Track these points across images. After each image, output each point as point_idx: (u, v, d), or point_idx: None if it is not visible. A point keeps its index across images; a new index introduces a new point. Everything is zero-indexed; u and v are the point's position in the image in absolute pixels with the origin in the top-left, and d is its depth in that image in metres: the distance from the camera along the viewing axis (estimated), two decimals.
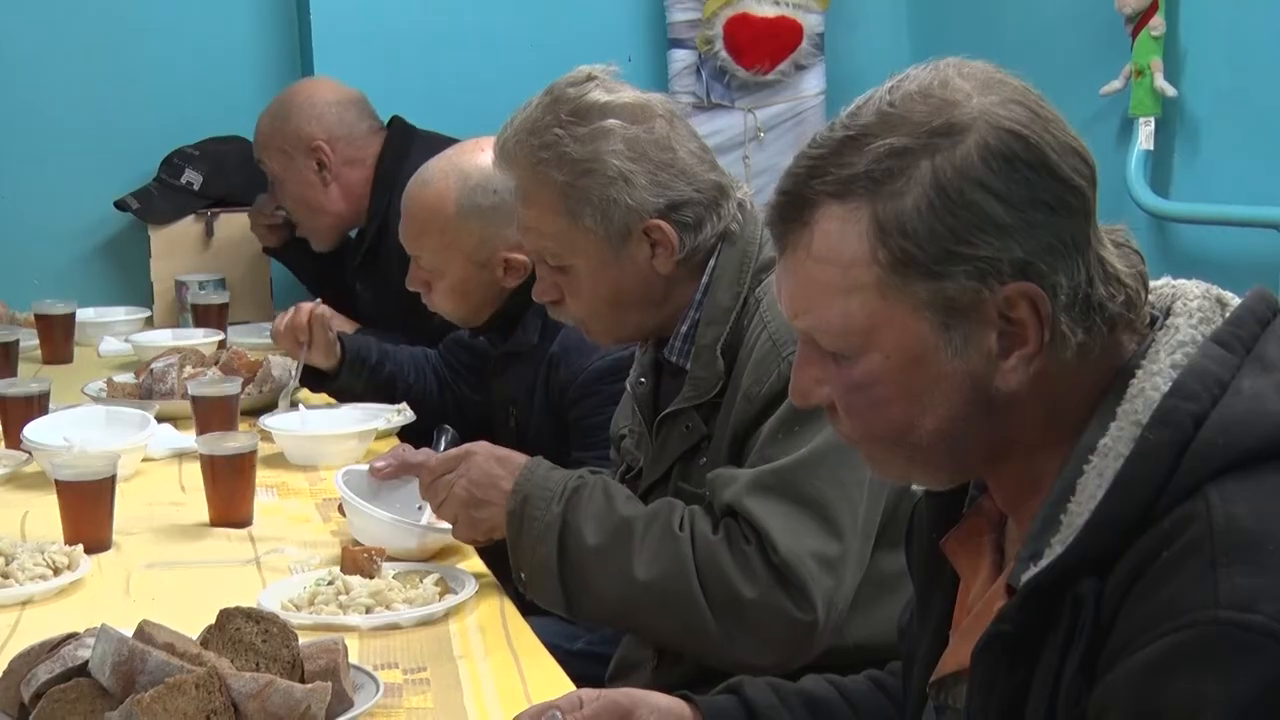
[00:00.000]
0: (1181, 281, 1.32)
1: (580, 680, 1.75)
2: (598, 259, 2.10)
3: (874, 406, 1.26)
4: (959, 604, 1.36)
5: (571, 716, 1.49)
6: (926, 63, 1.28)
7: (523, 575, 2.05)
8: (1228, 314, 1.26)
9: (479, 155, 2.79)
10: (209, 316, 3.75)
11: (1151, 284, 1.32)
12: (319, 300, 3.12)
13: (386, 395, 3.05)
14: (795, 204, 1.25)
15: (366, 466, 2.29)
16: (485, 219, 2.75)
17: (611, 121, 2.08)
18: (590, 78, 2.13)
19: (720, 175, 2.14)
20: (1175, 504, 1.15)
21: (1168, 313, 1.27)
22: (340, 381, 3.09)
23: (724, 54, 4.05)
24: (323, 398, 3.14)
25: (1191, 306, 1.26)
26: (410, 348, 3.18)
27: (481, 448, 2.11)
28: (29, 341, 3.59)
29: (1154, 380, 1.20)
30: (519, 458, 2.10)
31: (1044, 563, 1.18)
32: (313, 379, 3.10)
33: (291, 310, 3.07)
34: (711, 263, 2.11)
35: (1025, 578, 1.19)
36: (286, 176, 3.67)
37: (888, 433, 1.28)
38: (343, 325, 3.35)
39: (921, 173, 1.20)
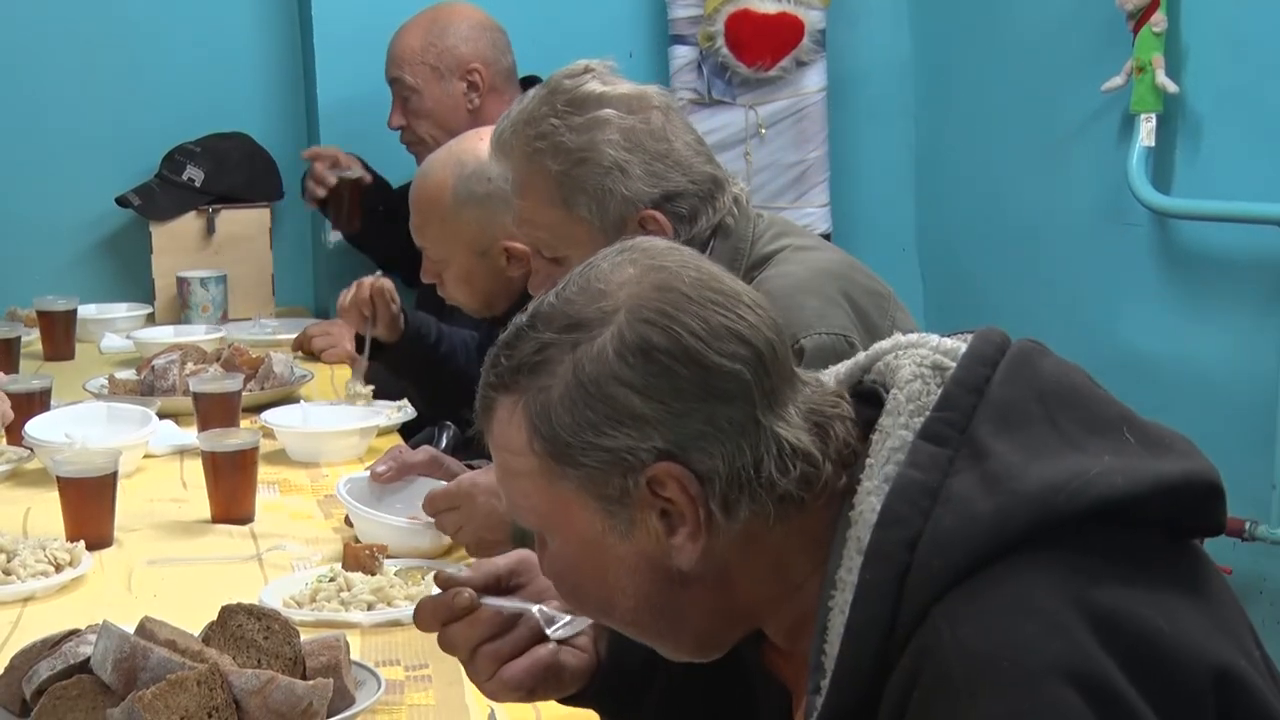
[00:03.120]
0: (900, 351, 1.27)
1: None
2: (593, 249, 2.09)
3: (573, 590, 1.29)
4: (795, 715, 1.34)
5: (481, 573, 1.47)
6: (620, 246, 1.29)
7: None
8: (945, 383, 1.22)
9: (477, 143, 2.79)
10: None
11: (876, 346, 1.30)
12: (379, 272, 3.08)
13: (440, 372, 3.04)
14: (481, 393, 1.28)
15: (365, 473, 2.29)
16: (482, 206, 2.76)
17: (607, 111, 2.09)
18: (587, 70, 2.14)
19: (715, 168, 2.14)
20: (909, 635, 1.13)
21: (883, 401, 1.24)
22: (400, 353, 3.05)
23: (725, 50, 4.05)
24: (324, 395, 3.14)
25: (901, 398, 1.22)
26: (463, 331, 3.16)
27: (478, 488, 2.11)
28: (30, 338, 3.60)
29: (869, 501, 1.18)
30: None
31: (813, 717, 1.17)
32: (373, 349, 3.07)
33: (354, 286, 3.04)
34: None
35: None
36: (429, 93, 3.65)
37: (597, 614, 1.31)
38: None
39: (565, 368, 1.21)
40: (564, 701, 1.46)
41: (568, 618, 1.41)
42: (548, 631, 1.40)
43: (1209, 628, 1.15)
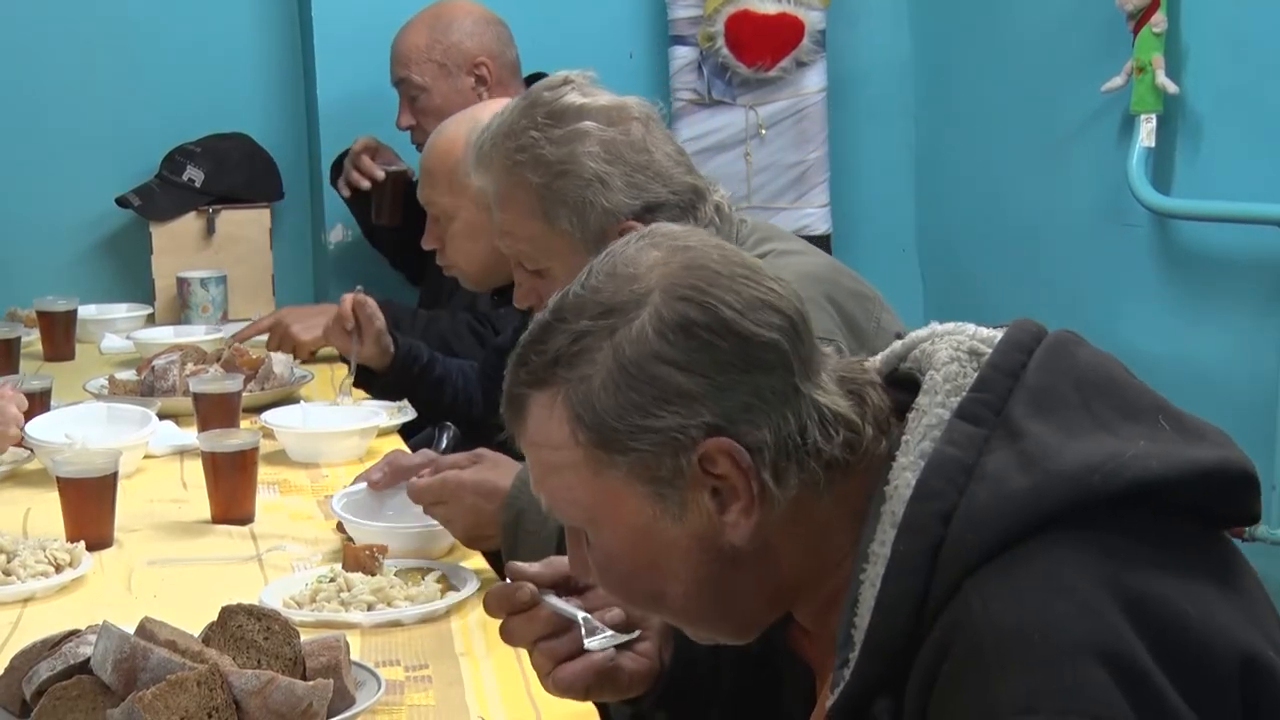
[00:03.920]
0: (937, 338, 1.29)
1: None
2: (574, 262, 2.10)
3: (622, 581, 1.29)
4: (819, 698, 1.35)
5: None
6: (638, 233, 1.30)
7: None
8: (981, 366, 1.23)
9: (495, 106, 2.79)
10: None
11: (913, 334, 1.31)
12: (360, 286, 3.08)
13: (434, 398, 3.03)
14: (511, 393, 1.28)
15: (359, 485, 2.28)
16: None
17: (587, 124, 2.09)
18: (566, 81, 2.14)
19: (696, 178, 2.15)
20: (941, 608, 1.14)
21: (919, 386, 1.25)
22: (391, 379, 3.04)
23: (725, 51, 4.05)
24: (324, 395, 3.14)
25: (938, 379, 1.24)
26: (460, 361, 3.16)
27: (464, 488, 2.10)
28: (30, 338, 3.60)
29: (904, 476, 1.19)
30: (503, 481, 2.08)
31: (839, 688, 1.18)
32: (364, 379, 3.06)
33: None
34: None
35: (829, 705, 1.19)
36: (438, 90, 3.64)
37: (646, 603, 1.31)
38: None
39: (604, 354, 1.22)
40: (625, 704, 1.48)
41: (609, 632, 1.43)
42: (585, 642, 1.42)
43: (1237, 617, 1.16)
